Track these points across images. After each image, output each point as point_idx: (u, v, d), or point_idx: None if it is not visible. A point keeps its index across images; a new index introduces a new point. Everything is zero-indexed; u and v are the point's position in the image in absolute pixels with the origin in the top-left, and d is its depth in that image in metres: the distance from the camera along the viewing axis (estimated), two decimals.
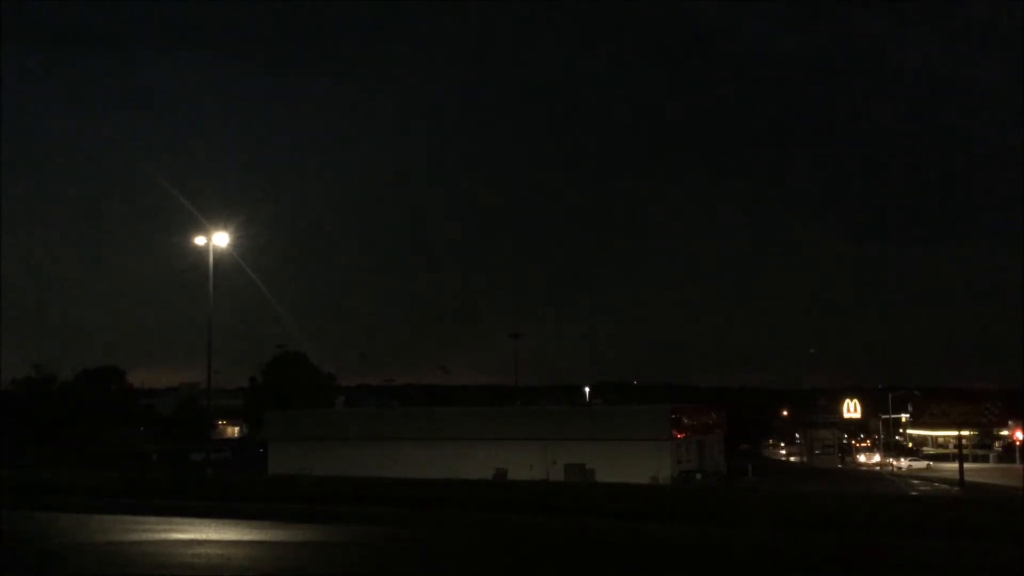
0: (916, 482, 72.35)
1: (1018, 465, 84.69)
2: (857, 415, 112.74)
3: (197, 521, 20.25)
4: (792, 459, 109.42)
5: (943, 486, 66.48)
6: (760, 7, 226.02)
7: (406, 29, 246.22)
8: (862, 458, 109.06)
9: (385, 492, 26.43)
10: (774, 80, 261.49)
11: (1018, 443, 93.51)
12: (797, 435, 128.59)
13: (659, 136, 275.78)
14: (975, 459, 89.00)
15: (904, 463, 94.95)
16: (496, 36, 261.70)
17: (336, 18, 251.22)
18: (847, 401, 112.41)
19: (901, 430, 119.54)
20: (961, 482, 63.28)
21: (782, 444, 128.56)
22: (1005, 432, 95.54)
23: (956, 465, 67.92)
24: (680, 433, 61.20)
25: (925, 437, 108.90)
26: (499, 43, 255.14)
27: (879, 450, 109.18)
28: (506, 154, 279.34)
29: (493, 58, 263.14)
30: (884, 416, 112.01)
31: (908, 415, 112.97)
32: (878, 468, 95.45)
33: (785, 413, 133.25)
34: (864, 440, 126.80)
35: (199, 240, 46.41)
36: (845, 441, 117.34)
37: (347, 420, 75.42)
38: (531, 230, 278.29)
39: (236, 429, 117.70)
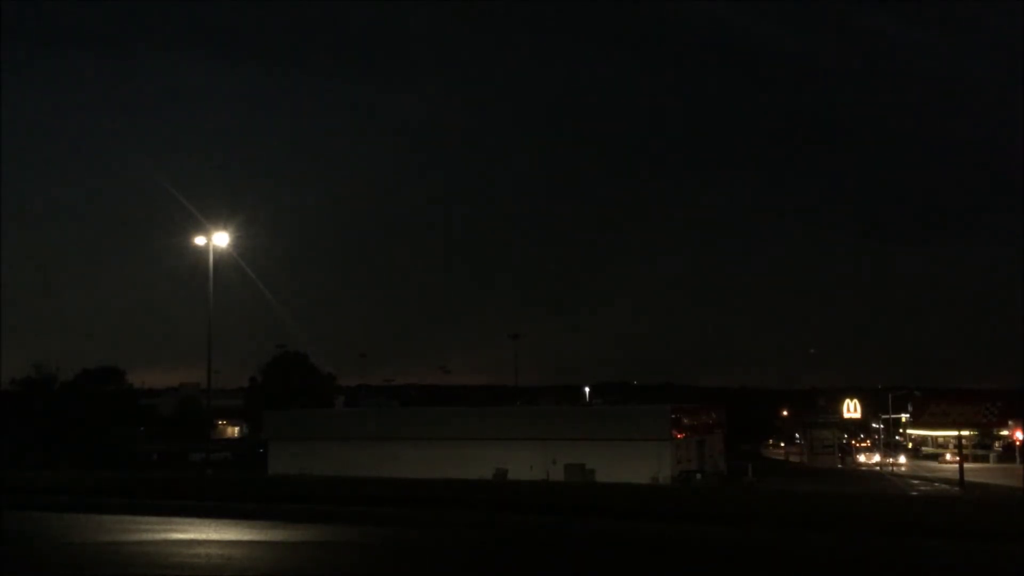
0: (916, 482, 72.38)
1: (1018, 465, 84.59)
2: (857, 415, 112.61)
3: (197, 521, 20.26)
4: (792, 459, 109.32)
5: (943, 486, 66.52)
6: (762, 7, 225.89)
7: (407, 28, 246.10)
8: (862, 458, 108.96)
9: (385, 492, 26.47)
10: (776, 80, 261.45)
11: (1018, 443, 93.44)
12: (797, 435, 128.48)
13: (660, 136, 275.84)
14: (975, 459, 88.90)
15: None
16: (498, 36, 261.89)
17: (336, 18, 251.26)
18: (847, 401, 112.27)
19: (901, 430, 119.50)
20: (961, 482, 63.30)
21: (782, 444, 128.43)
22: (1005, 432, 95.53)
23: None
24: (680, 433, 61.19)
25: (925, 437, 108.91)
26: (501, 43, 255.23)
27: (879, 450, 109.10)
28: (507, 153, 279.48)
29: (495, 58, 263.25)
30: (884, 416, 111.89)
31: (908, 415, 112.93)
32: (878, 468, 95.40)
33: (785, 413, 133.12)
34: (864, 440, 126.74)
35: (199, 240, 46.48)
36: (845, 441, 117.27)
37: (347, 420, 75.40)
38: (532, 230, 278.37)
39: (236, 429, 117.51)
